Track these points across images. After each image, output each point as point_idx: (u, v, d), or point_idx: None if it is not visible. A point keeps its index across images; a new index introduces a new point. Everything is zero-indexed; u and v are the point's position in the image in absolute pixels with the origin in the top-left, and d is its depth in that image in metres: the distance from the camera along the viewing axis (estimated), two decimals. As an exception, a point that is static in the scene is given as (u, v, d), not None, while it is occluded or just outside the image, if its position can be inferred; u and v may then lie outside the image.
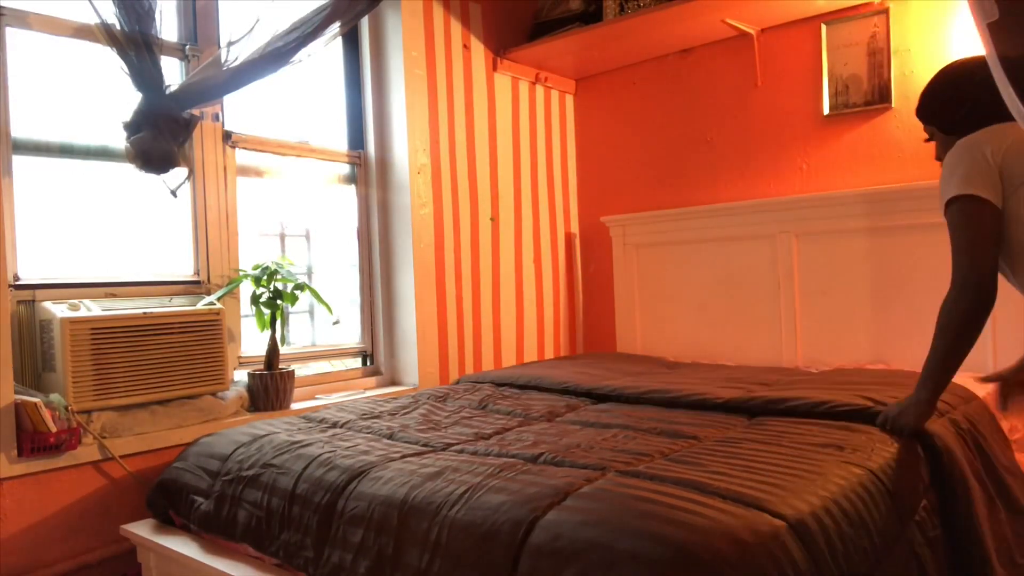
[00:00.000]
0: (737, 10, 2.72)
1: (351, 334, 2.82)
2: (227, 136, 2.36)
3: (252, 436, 1.78)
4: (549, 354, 3.36)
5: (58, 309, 1.86)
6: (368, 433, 1.80)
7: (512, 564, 1.12)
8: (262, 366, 2.31)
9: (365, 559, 1.30)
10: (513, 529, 1.15)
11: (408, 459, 1.53)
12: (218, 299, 2.20)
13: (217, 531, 1.61)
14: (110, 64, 1.90)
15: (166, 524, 1.79)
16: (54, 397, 1.80)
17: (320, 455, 1.57)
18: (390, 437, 1.75)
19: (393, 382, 2.82)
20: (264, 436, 1.77)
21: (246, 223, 2.42)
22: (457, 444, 1.66)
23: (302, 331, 2.69)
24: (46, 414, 1.75)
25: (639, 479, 1.28)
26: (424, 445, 1.66)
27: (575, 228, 3.54)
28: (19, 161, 1.93)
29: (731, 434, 1.64)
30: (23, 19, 1.93)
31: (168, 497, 1.78)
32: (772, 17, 2.80)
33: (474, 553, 1.16)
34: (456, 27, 2.98)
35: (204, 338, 2.09)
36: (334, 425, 1.91)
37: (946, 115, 1.66)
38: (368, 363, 2.84)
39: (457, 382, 2.65)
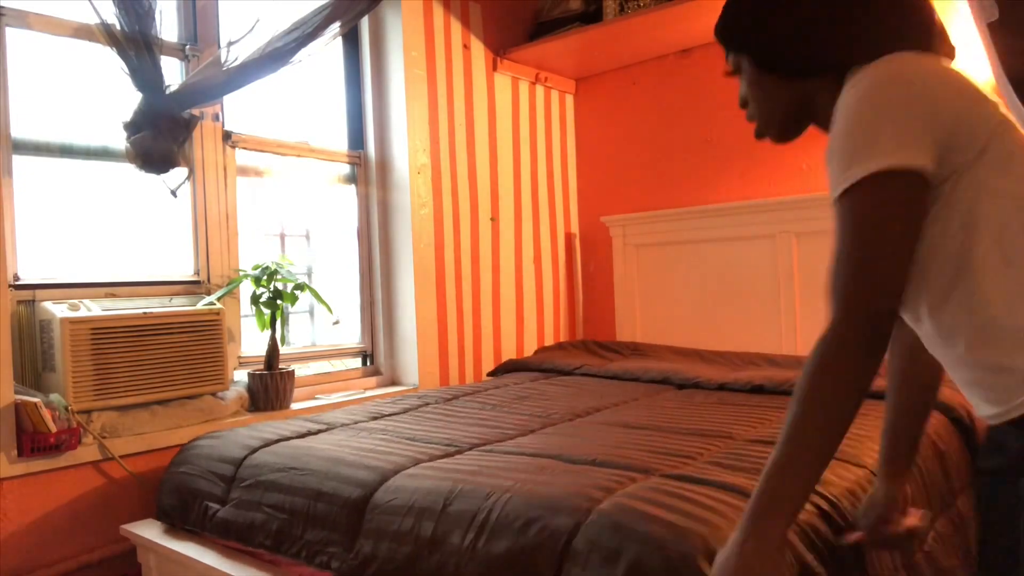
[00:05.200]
0: (737, 10, 2.72)
1: (351, 334, 2.82)
2: (227, 136, 2.36)
3: (263, 440, 1.75)
4: (549, 354, 3.37)
5: (58, 309, 1.86)
6: (384, 435, 1.77)
7: (566, 544, 1.11)
8: (262, 366, 2.31)
9: (404, 545, 1.28)
10: (570, 513, 1.15)
11: (439, 460, 1.51)
12: (218, 299, 2.20)
13: (236, 538, 1.58)
14: (110, 64, 1.90)
15: (172, 527, 1.77)
16: (54, 397, 1.80)
17: (345, 456, 1.55)
18: (411, 439, 1.72)
19: (393, 382, 2.82)
20: (276, 440, 1.75)
21: (246, 223, 2.42)
22: (484, 444, 1.63)
23: (302, 331, 2.69)
24: (46, 414, 1.75)
25: (685, 481, 1.27)
26: (449, 445, 1.63)
27: (575, 228, 3.54)
28: (19, 161, 1.93)
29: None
30: (23, 19, 1.93)
31: (182, 502, 1.74)
32: (772, 17, 2.80)
33: (526, 530, 1.16)
34: (456, 27, 2.98)
35: (204, 338, 2.09)
36: (344, 427, 1.89)
37: (812, 39, 0.96)
38: (368, 363, 2.84)
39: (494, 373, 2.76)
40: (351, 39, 2.83)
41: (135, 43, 1.86)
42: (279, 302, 2.28)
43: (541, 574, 1.11)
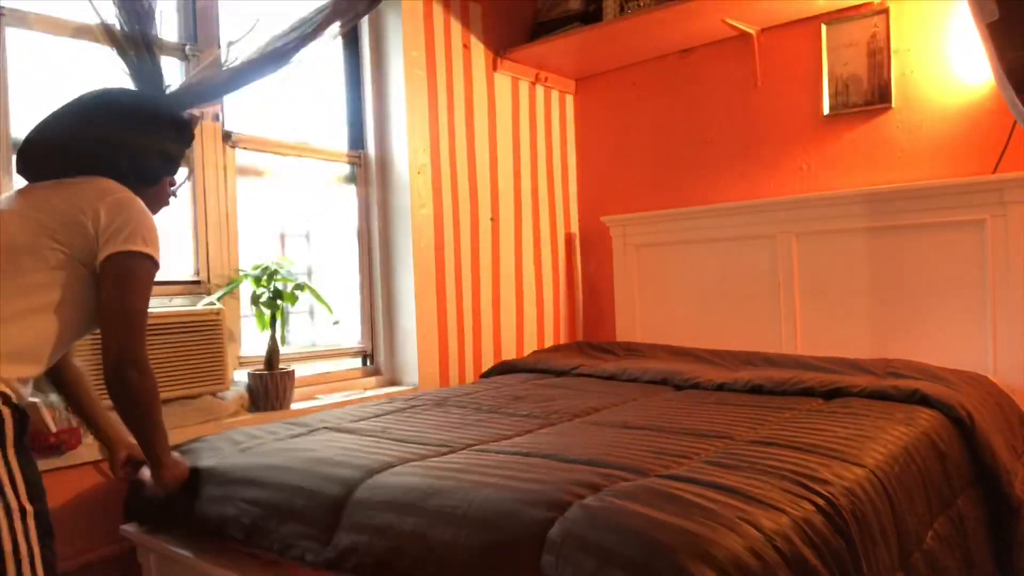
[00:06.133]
0: (737, 10, 2.72)
1: (351, 334, 2.82)
2: (227, 136, 2.36)
3: (241, 443, 1.73)
4: (549, 354, 3.36)
5: (58, 309, 1.86)
6: (374, 436, 1.76)
7: (542, 534, 1.11)
8: (262, 366, 2.31)
9: (383, 539, 1.27)
10: (549, 506, 1.15)
11: (429, 459, 1.49)
12: (218, 299, 2.20)
13: (208, 530, 1.56)
14: (110, 64, 1.89)
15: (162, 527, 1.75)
16: (54, 397, 1.80)
17: (330, 456, 1.54)
18: (401, 440, 1.70)
19: (393, 382, 2.82)
20: (258, 440, 1.73)
21: (246, 223, 2.43)
22: (478, 445, 1.62)
23: (302, 331, 2.69)
24: (46, 414, 1.75)
25: (679, 481, 1.26)
26: (441, 445, 1.62)
27: (575, 228, 3.54)
28: (19, 161, 1.93)
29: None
30: (23, 19, 1.93)
31: (150, 509, 1.71)
32: (772, 17, 2.80)
33: (504, 523, 1.15)
34: (456, 27, 2.98)
35: (204, 338, 2.09)
36: (333, 429, 1.87)
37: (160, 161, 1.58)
38: (368, 363, 2.84)
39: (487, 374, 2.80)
40: (351, 39, 2.83)
41: (135, 43, 1.86)
42: (279, 302, 2.28)
43: (521, 565, 1.11)
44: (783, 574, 1.04)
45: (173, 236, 2.27)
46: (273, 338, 2.30)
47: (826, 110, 2.75)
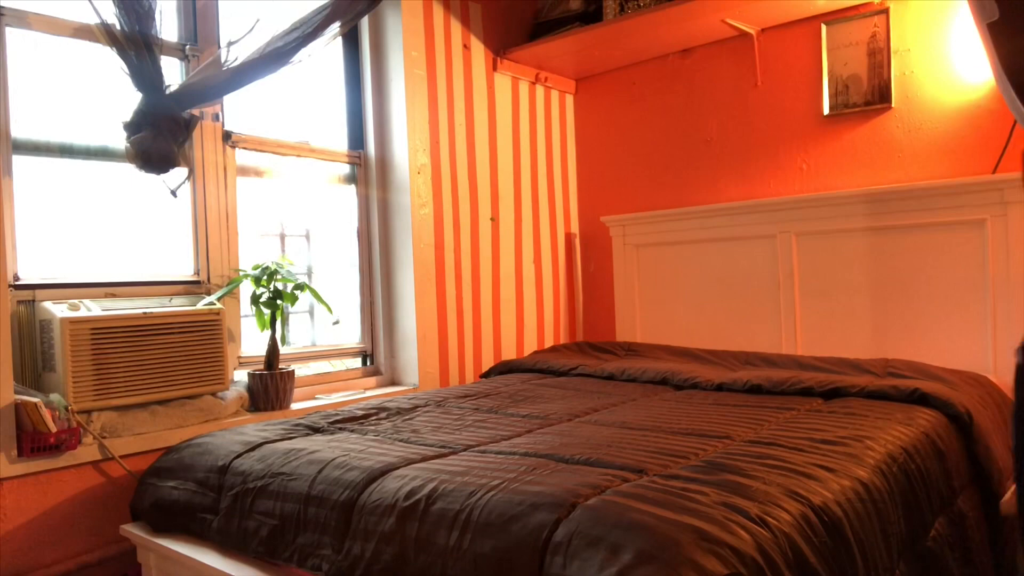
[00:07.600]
0: (737, 10, 2.72)
1: (351, 334, 2.82)
2: (227, 136, 2.36)
3: (247, 444, 1.72)
4: (549, 354, 3.36)
5: (58, 309, 1.86)
6: (376, 437, 1.76)
7: (547, 537, 1.11)
8: (262, 366, 2.31)
9: (390, 546, 1.27)
10: (553, 508, 1.15)
11: (430, 460, 1.49)
12: (218, 299, 2.20)
13: (232, 545, 1.57)
14: (110, 64, 1.90)
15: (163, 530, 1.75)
16: (54, 397, 1.80)
17: (334, 458, 1.53)
18: (404, 440, 1.70)
19: (393, 382, 2.82)
20: (262, 444, 1.72)
21: (246, 223, 2.43)
22: (478, 446, 1.62)
23: (302, 331, 2.69)
24: (46, 414, 1.75)
25: (679, 481, 1.26)
26: (443, 447, 1.62)
27: (575, 228, 3.54)
28: (19, 161, 1.93)
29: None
30: (23, 19, 1.93)
31: (169, 518, 1.71)
32: (772, 17, 2.80)
33: (508, 527, 1.15)
34: (456, 27, 2.98)
35: (204, 338, 2.09)
36: (334, 430, 1.87)
37: None
38: (368, 363, 2.84)
39: (487, 373, 2.81)
40: (351, 39, 2.83)
41: (135, 43, 1.86)
42: (279, 302, 2.28)
43: (525, 568, 1.10)
44: (784, 570, 1.05)
45: (173, 236, 2.27)
46: (273, 338, 2.30)
47: (826, 110, 2.75)
